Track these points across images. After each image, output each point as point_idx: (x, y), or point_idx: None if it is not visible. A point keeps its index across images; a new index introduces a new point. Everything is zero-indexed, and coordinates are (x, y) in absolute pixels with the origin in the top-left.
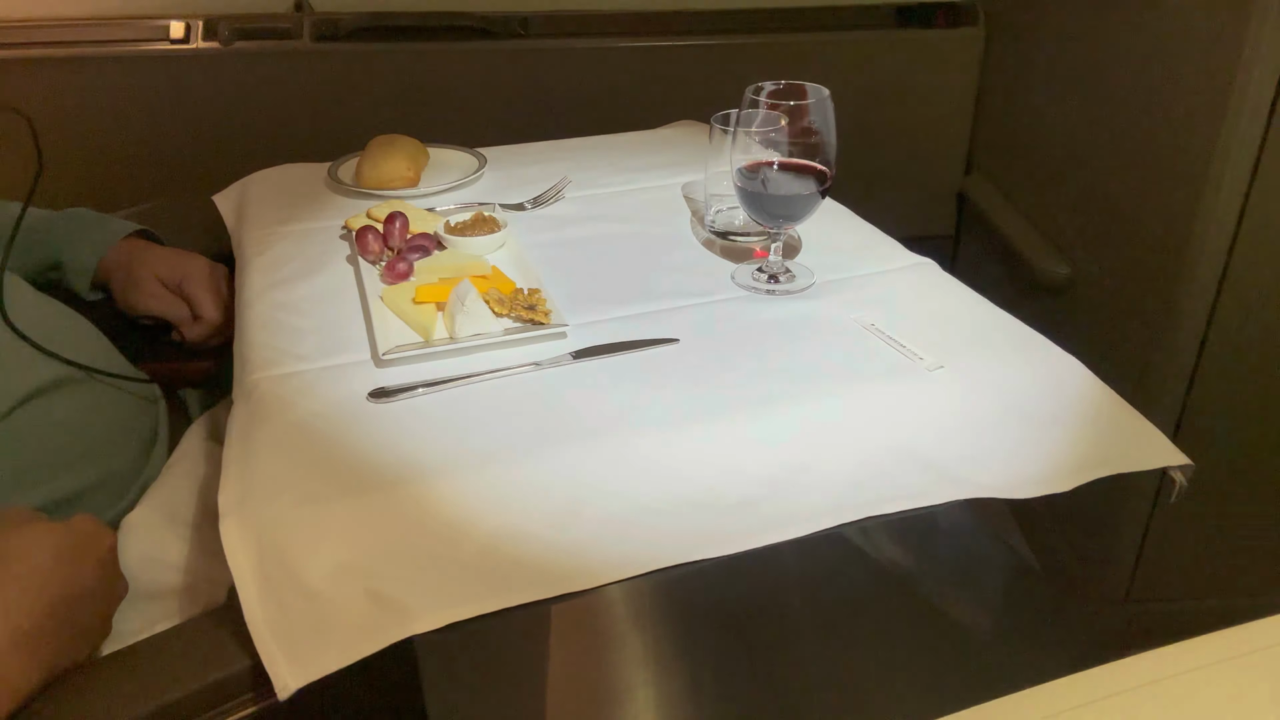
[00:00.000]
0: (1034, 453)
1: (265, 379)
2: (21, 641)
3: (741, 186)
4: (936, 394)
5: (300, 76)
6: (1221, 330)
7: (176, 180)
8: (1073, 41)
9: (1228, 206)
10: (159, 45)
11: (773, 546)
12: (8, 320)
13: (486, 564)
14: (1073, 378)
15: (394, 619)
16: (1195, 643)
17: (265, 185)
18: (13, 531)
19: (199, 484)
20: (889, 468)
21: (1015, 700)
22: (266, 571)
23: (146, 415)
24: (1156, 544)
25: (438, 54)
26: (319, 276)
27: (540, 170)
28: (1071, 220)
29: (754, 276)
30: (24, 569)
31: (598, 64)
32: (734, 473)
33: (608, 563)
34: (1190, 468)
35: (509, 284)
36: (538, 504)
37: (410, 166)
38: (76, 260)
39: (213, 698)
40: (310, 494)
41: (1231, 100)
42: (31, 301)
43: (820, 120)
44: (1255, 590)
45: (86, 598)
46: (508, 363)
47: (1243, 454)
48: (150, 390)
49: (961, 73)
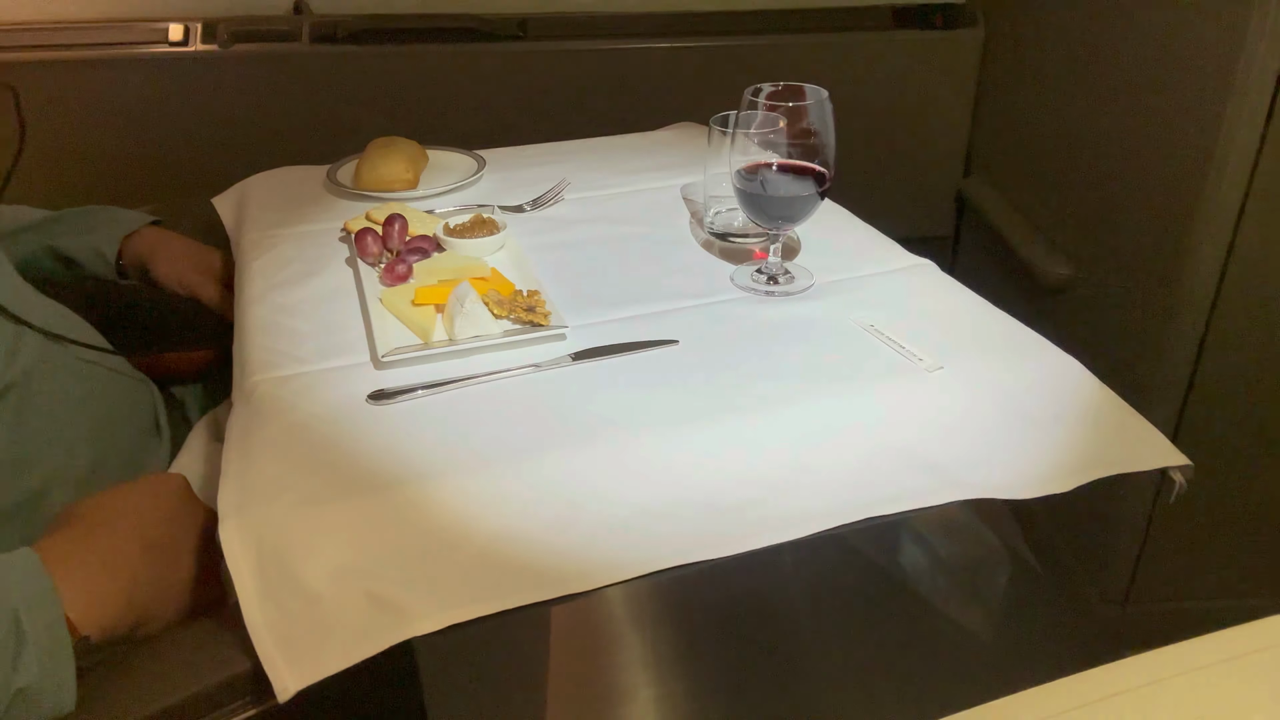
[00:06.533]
0: (1034, 453)
1: (265, 381)
2: (119, 583)
3: (740, 188)
4: (936, 395)
5: (299, 79)
6: (1221, 330)
7: (175, 183)
8: (1071, 42)
9: (1227, 206)
10: (158, 48)
11: (772, 548)
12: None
13: (486, 566)
14: (1073, 378)
15: (393, 621)
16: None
17: (264, 188)
18: (93, 501)
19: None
20: (888, 469)
21: (1015, 700)
22: (266, 573)
23: (143, 401)
24: (1156, 544)
25: (436, 56)
26: (318, 279)
27: (539, 172)
28: (1071, 220)
29: (753, 278)
30: (116, 521)
31: (596, 66)
32: (733, 474)
33: (607, 564)
34: (1190, 468)
35: (508, 286)
36: (537, 506)
37: (409, 169)
38: (100, 242)
39: (213, 700)
40: (310, 496)
41: (1231, 100)
42: (14, 285)
43: (819, 121)
44: (1254, 590)
45: (173, 532)
46: (507, 364)
47: (1242, 454)
48: (140, 376)
49: (960, 74)
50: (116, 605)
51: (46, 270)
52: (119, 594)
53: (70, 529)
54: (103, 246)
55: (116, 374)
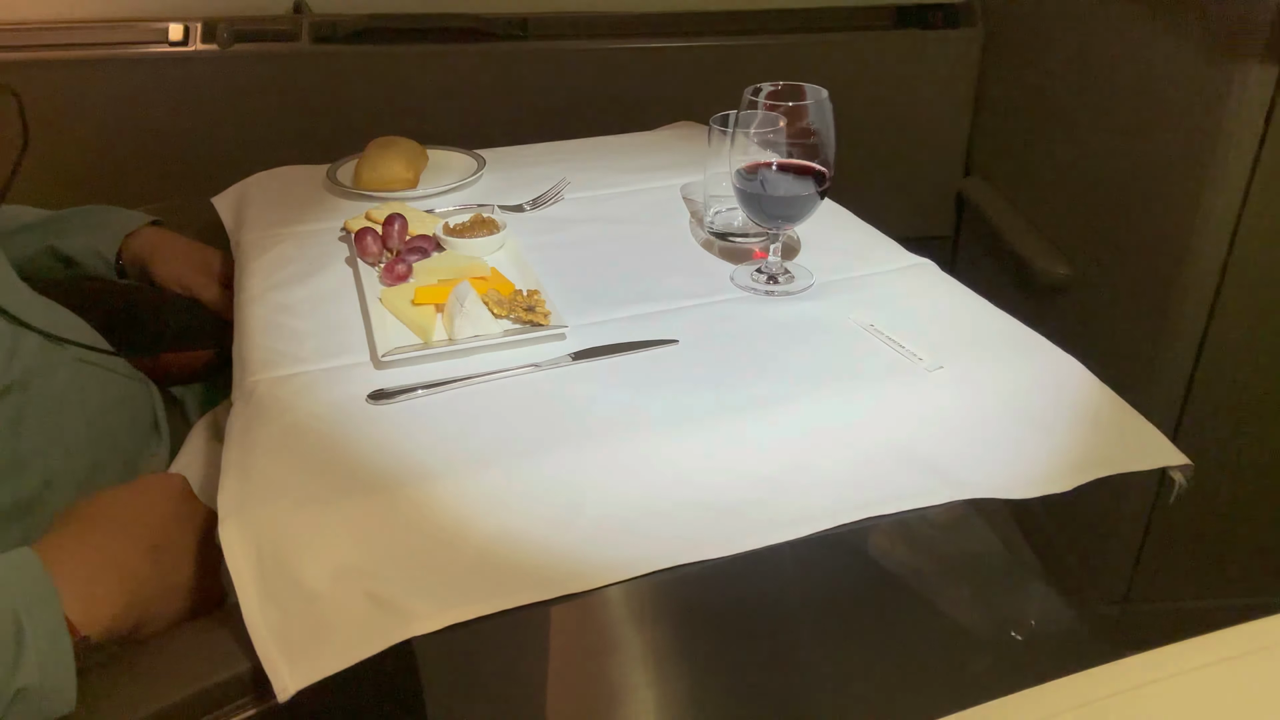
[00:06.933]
0: (1034, 453)
1: (264, 381)
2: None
3: (740, 188)
4: (936, 394)
5: (299, 78)
6: (1221, 330)
7: (175, 182)
8: (1071, 42)
9: (1227, 206)
10: (158, 47)
11: (772, 547)
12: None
13: (486, 565)
14: (1073, 378)
15: (394, 621)
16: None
17: (264, 187)
18: (93, 501)
19: (203, 485)
20: (888, 468)
21: (1015, 700)
22: (266, 573)
23: (143, 402)
24: (1156, 544)
25: (436, 55)
26: (318, 278)
27: (539, 172)
28: (1071, 220)
29: (753, 277)
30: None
31: (596, 65)
32: (733, 473)
33: (607, 564)
34: (1190, 468)
35: (508, 285)
36: (537, 505)
37: (409, 168)
38: (100, 242)
39: (213, 700)
40: (310, 496)
41: (1231, 99)
42: (15, 287)
43: (819, 121)
44: (1255, 590)
45: (172, 532)
46: (507, 364)
47: (1242, 454)
48: (139, 376)
49: (960, 73)
50: (116, 605)
51: (46, 270)
52: (119, 594)
53: (70, 529)
54: (102, 246)
55: (116, 374)
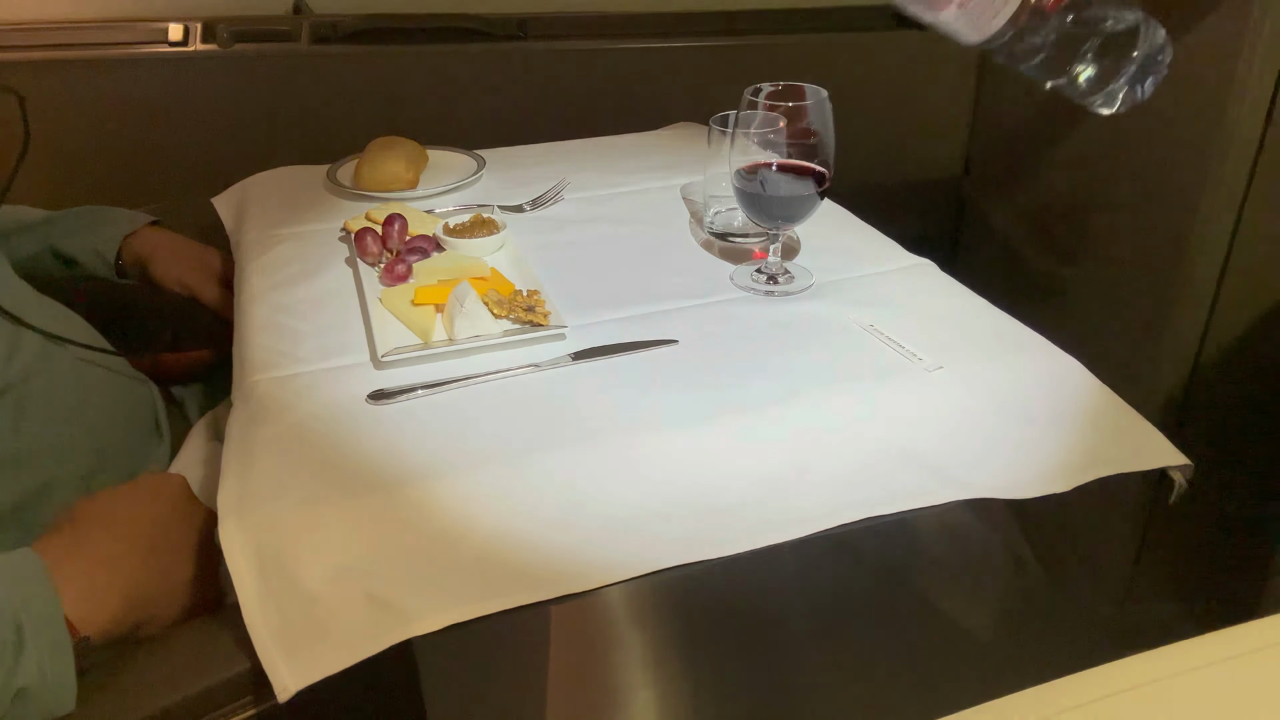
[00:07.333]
0: (1034, 453)
1: (264, 381)
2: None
3: (740, 188)
4: (935, 394)
5: (299, 79)
6: (1221, 330)
7: (175, 183)
8: None
9: (1227, 206)
10: (157, 48)
11: (772, 547)
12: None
13: (486, 565)
14: (1072, 378)
15: (393, 621)
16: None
17: (264, 188)
18: (93, 501)
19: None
20: (888, 468)
21: (1015, 700)
22: (266, 573)
23: (143, 401)
24: (1156, 545)
25: (436, 56)
26: (318, 279)
27: (539, 172)
28: (1071, 220)
29: (753, 277)
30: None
31: (596, 66)
32: (733, 474)
33: (607, 564)
34: (1190, 468)
35: (508, 285)
36: (537, 505)
37: (409, 168)
38: (100, 242)
39: (213, 700)
40: (309, 496)
41: (1231, 99)
42: (14, 287)
43: (819, 121)
44: (1254, 590)
45: (172, 533)
46: (507, 364)
47: (1242, 454)
48: (139, 375)
49: (960, 73)
50: (116, 605)
51: (46, 270)
52: (119, 594)
53: (70, 529)
54: (102, 246)
55: (116, 374)
